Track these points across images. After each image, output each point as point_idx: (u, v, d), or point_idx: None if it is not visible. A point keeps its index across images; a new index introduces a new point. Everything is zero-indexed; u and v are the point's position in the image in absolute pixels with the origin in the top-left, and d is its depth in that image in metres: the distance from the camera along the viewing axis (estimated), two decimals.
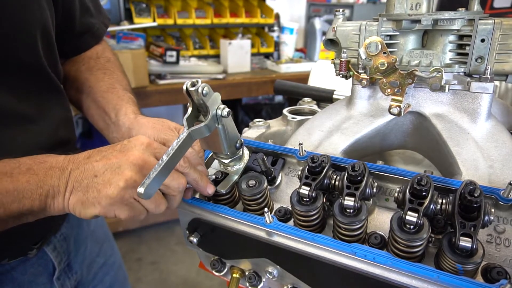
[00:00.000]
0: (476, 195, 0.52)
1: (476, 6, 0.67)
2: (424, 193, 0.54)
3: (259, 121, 0.92)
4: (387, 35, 0.73)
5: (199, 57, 3.07)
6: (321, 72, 1.37)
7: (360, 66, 0.72)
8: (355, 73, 0.73)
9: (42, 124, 0.86)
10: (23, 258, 0.91)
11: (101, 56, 1.07)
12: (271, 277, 0.65)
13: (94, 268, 1.15)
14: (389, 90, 0.68)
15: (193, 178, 0.68)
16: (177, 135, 0.78)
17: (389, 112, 0.68)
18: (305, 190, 0.60)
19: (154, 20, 2.90)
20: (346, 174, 0.60)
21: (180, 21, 2.98)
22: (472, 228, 0.51)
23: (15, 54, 0.79)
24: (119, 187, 0.61)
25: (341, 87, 1.14)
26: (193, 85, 0.58)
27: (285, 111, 0.97)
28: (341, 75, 0.78)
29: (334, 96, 1.13)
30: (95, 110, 0.97)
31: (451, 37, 0.69)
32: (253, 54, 3.20)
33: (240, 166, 0.73)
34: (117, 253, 1.29)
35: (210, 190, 0.70)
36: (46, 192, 0.64)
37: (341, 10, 0.83)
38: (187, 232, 0.72)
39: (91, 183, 0.63)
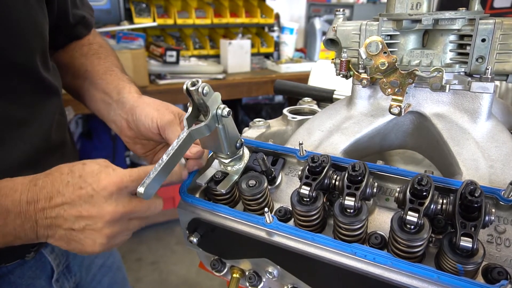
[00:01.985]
0: (476, 195, 0.51)
1: (476, 6, 0.67)
2: (424, 193, 0.54)
3: (259, 121, 0.91)
4: (388, 35, 0.73)
5: (199, 57, 3.07)
6: (321, 72, 1.37)
7: (360, 66, 0.72)
8: (356, 73, 0.73)
9: (35, 127, 0.85)
10: (20, 261, 0.90)
11: (93, 42, 1.08)
12: (271, 277, 0.65)
13: (92, 270, 1.15)
14: (389, 90, 0.68)
15: (168, 183, 0.65)
16: (177, 119, 0.78)
17: (390, 112, 0.68)
18: (305, 190, 0.60)
19: (154, 20, 2.90)
20: (346, 174, 0.60)
21: (180, 21, 2.98)
22: (473, 228, 0.51)
23: (6, 55, 0.78)
24: (103, 244, 0.60)
25: (341, 87, 1.13)
26: (193, 84, 0.58)
27: (285, 111, 0.97)
28: (341, 75, 0.78)
29: (334, 96, 1.12)
30: (93, 92, 0.97)
31: (452, 37, 0.69)
32: (253, 54, 3.19)
33: (240, 166, 0.73)
34: (116, 254, 1.29)
35: (184, 175, 0.69)
36: (25, 238, 0.60)
37: (341, 10, 0.83)
38: (187, 232, 0.72)
39: (70, 235, 0.59)
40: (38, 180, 0.60)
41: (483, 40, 0.65)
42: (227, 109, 0.63)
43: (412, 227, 0.53)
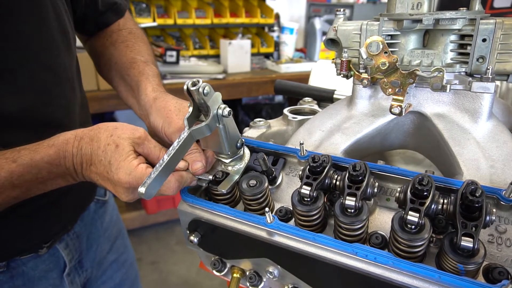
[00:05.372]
0: (477, 195, 0.51)
1: (477, 6, 0.67)
2: (425, 193, 0.54)
3: (260, 121, 0.91)
4: (388, 35, 0.73)
5: (199, 57, 3.07)
6: (322, 72, 1.37)
7: (361, 65, 0.72)
8: (356, 72, 0.73)
9: (66, 128, 0.87)
10: (34, 255, 0.92)
11: (122, 28, 1.07)
12: (271, 277, 0.65)
13: (103, 265, 1.17)
14: (390, 90, 0.68)
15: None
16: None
17: (390, 112, 0.68)
18: (306, 190, 0.60)
19: (154, 20, 2.90)
20: (347, 174, 0.60)
21: (180, 21, 2.98)
22: (474, 228, 0.51)
23: (38, 58, 0.81)
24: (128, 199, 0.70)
25: (341, 87, 1.13)
26: (194, 84, 0.58)
27: (285, 111, 0.97)
28: (342, 75, 0.78)
29: (334, 96, 1.12)
30: (123, 87, 0.99)
31: (452, 37, 0.69)
32: (253, 54, 3.20)
33: (241, 165, 0.73)
34: (130, 251, 1.31)
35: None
36: (79, 180, 0.74)
37: (341, 9, 0.82)
38: (188, 232, 0.72)
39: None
40: (84, 144, 0.69)
41: (484, 40, 0.65)
42: (228, 109, 0.63)
43: (413, 227, 0.53)
